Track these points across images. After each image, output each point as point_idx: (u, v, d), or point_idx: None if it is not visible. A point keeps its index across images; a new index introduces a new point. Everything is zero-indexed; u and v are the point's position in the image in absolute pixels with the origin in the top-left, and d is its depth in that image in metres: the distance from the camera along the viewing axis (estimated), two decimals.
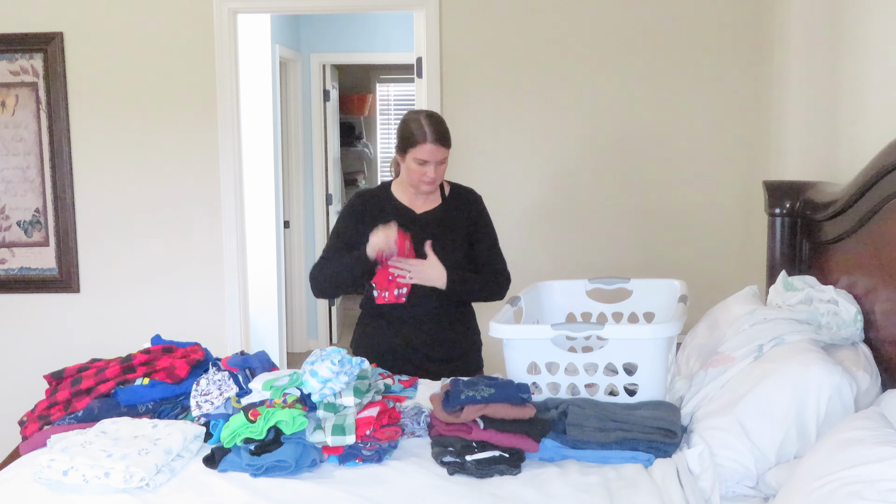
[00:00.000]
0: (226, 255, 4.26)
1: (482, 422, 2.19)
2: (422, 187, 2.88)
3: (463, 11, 4.13)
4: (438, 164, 2.83)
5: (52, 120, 4.19)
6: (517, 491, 2.01)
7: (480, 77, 4.16)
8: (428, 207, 2.97)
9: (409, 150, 2.83)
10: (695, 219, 4.15)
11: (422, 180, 2.85)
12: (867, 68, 2.73)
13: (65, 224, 4.24)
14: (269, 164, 5.65)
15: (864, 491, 1.56)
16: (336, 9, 4.90)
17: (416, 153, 2.81)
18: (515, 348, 2.47)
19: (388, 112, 9.14)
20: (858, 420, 1.82)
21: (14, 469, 2.20)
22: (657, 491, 1.95)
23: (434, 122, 2.84)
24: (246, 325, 4.39)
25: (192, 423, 2.32)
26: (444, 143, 2.83)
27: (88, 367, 2.59)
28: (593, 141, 4.17)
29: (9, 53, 4.16)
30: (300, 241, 6.44)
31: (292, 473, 2.10)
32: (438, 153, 2.82)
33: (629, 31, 4.08)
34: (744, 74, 4.04)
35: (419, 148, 2.80)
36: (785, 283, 2.65)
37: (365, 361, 2.44)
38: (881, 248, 2.31)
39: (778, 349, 2.23)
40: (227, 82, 4.15)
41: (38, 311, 4.32)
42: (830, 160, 3.04)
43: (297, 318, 6.52)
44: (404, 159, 2.86)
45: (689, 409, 2.31)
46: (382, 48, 6.49)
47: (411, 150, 2.82)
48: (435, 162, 2.82)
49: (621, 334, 2.38)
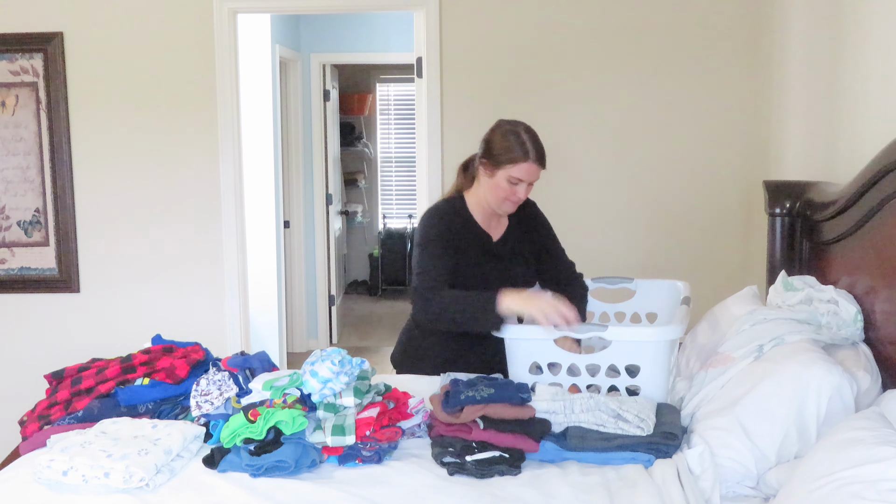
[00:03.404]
0: (226, 255, 4.26)
1: (482, 422, 2.19)
2: (505, 207, 2.65)
3: (463, 11, 4.13)
4: (530, 184, 2.62)
5: (52, 120, 4.19)
6: (517, 491, 2.01)
7: (480, 77, 4.16)
8: (500, 231, 2.76)
9: (505, 167, 2.57)
10: (695, 218, 4.15)
11: (509, 199, 2.62)
12: (867, 68, 2.73)
13: (65, 224, 4.24)
14: (269, 164, 5.65)
15: (865, 491, 1.56)
16: (336, 9, 4.90)
17: (513, 171, 2.57)
18: (517, 348, 2.46)
19: (388, 112, 9.14)
20: (858, 420, 1.82)
21: (14, 469, 2.19)
22: (657, 491, 1.95)
23: (535, 139, 2.60)
24: (246, 325, 4.39)
25: (192, 424, 2.32)
26: (543, 164, 2.61)
27: (88, 367, 2.59)
28: (593, 141, 4.17)
29: (9, 53, 4.16)
30: (300, 241, 6.44)
31: (292, 474, 2.10)
32: (537, 173, 2.60)
33: (629, 31, 4.08)
34: (744, 74, 4.04)
35: (518, 166, 2.56)
36: (785, 283, 2.65)
37: (365, 362, 2.43)
38: (881, 248, 2.31)
39: (778, 349, 2.23)
40: (227, 82, 4.15)
41: (38, 311, 4.32)
42: (830, 160, 3.04)
43: (297, 318, 6.52)
44: (493, 174, 2.60)
45: (689, 410, 2.31)
46: (382, 48, 6.49)
47: (507, 167, 2.57)
48: (529, 182, 2.61)
49: (624, 336, 2.38)
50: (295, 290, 6.44)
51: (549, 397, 2.26)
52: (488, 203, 2.69)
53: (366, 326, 7.62)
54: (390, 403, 2.37)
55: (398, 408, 2.37)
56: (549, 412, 2.23)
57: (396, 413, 2.35)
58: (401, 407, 2.38)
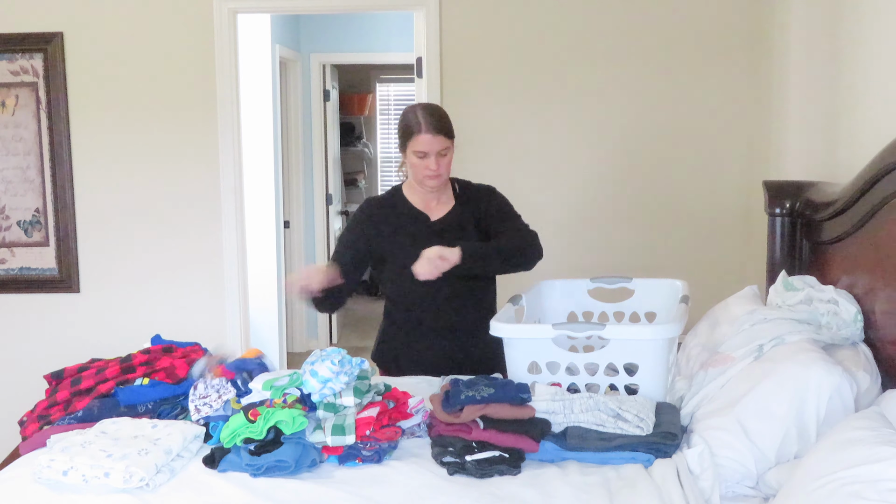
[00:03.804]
0: (226, 255, 4.26)
1: (482, 422, 2.19)
2: (426, 182, 2.75)
3: (463, 11, 4.13)
4: (439, 155, 2.71)
5: (52, 120, 4.19)
6: (517, 491, 2.01)
7: (480, 77, 4.16)
8: (441, 212, 2.85)
9: (408, 144, 2.72)
10: (695, 218, 4.15)
11: (425, 174, 2.73)
12: (867, 68, 2.73)
13: (65, 224, 4.24)
14: (269, 164, 5.65)
15: (865, 491, 1.56)
16: (336, 9, 4.90)
17: (414, 145, 2.71)
18: (516, 347, 2.47)
19: (388, 112, 9.14)
20: (858, 420, 1.82)
21: (14, 469, 2.19)
22: (657, 491, 1.94)
23: (430, 112, 2.73)
24: (246, 325, 4.39)
25: (192, 423, 2.31)
26: (441, 132, 2.70)
27: (88, 367, 2.59)
28: (593, 140, 4.17)
29: (9, 53, 4.16)
30: (300, 241, 6.44)
31: (292, 473, 2.10)
32: (436, 143, 2.69)
33: (629, 32, 4.08)
34: (744, 74, 4.04)
35: (416, 139, 2.70)
36: (785, 283, 2.65)
37: (365, 361, 2.43)
38: (881, 248, 2.31)
39: (778, 349, 2.23)
40: (227, 82, 4.15)
41: (38, 311, 4.32)
42: (830, 160, 3.04)
43: (297, 318, 6.52)
44: (405, 155, 2.76)
45: (689, 409, 2.31)
46: (382, 48, 6.50)
47: (409, 143, 2.72)
48: (434, 153, 2.70)
49: (622, 335, 2.38)
50: None
51: (549, 397, 2.26)
52: (416, 182, 2.82)
53: (365, 326, 7.61)
54: (390, 403, 2.37)
55: (398, 407, 2.37)
56: (549, 412, 2.23)
57: (396, 413, 2.35)
58: (401, 407, 2.38)
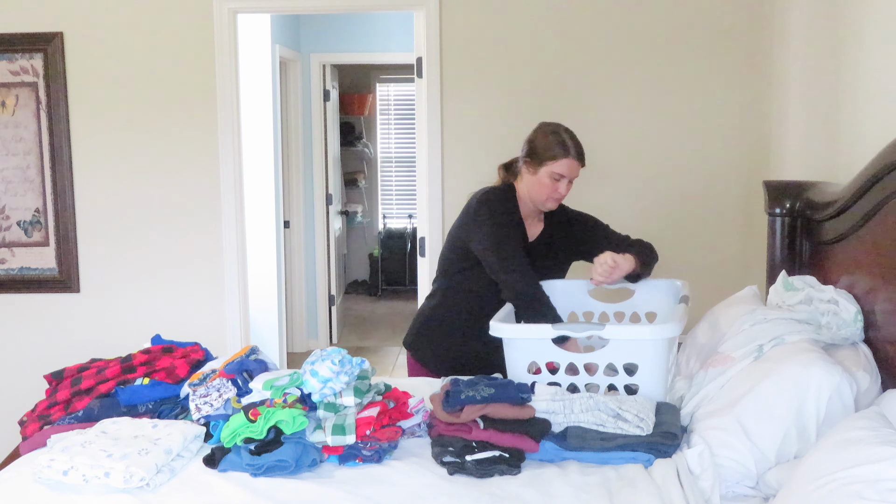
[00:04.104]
0: (226, 255, 4.26)
1: (482, 422, 2.20)
2: (548, 203, 2.84)
3: (463, 11, 4.13)
4: (570, 182, 2.82)
5: (52, 120, 4.19)
6: (517, 491, 2.01)
7: (480, 77, 4.16)
8: (536, 233, 2.95)
9: (547, 164, 2.78)
10: (695, 218, 4.15)
11: (552, 196, 2.81)
12: (867, 68, 2.73)
13: (65, 224, 4.24)
14: (269, 164, 5.65)
15: (865, 491, 1.56)
16: (336, 9, 4.90)
17: (555, 167, 2.77)
18: (516, 347, 2.47)
19: (388, 112, 9.14)
20: (858, 420, 1.82)
21: (14, 469, 2.20)
22: (657, 491, 1.95)
23: (574, 138, 2.81)
24: (246, 325, 4.39)
25: (193, 423, 2.32)
26: (583, 161, 2.82)
27: (88, 367, 2.59)
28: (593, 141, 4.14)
29: (9, 53, 4.16)
30: (300, 241, 6.44)
31: (292, 473, 2.10)
32: (577, 170, 2.81)
33: (629, 32, 4.08)
34: (744, 75, 4.04)
35: (560, 162, 2.77)
36: (785, 283, 2.65)
37: (365, 361, 2.44)
38: (881, 248, 2.31)
39: (778, 349, 2.23)
40: (227, 82, 4.15)
41: (38, 311, 4.32)
42: (830, 160, 3.04)
43: (297, 318, 6.52)
44: (536, 172, 2.80)
45: (689, 409, 2.31)
46: (382, 48, 6.49)
47: (549, 164, 2.77)
48: (570, 178, 2.80)
49: (622, 335, 2.38)
50: (295, 290, 6.44)
51: (549, 397, 2.26)
52: (532, 200, 2.86)
53: (366, 326, 7.62)
54: (390, 403, 2.37)
55: (398, 407, 2.37)
56: (549, 412, 2.23)
57: (396, 413, 2.35)
58: (401, 406, 2.38)
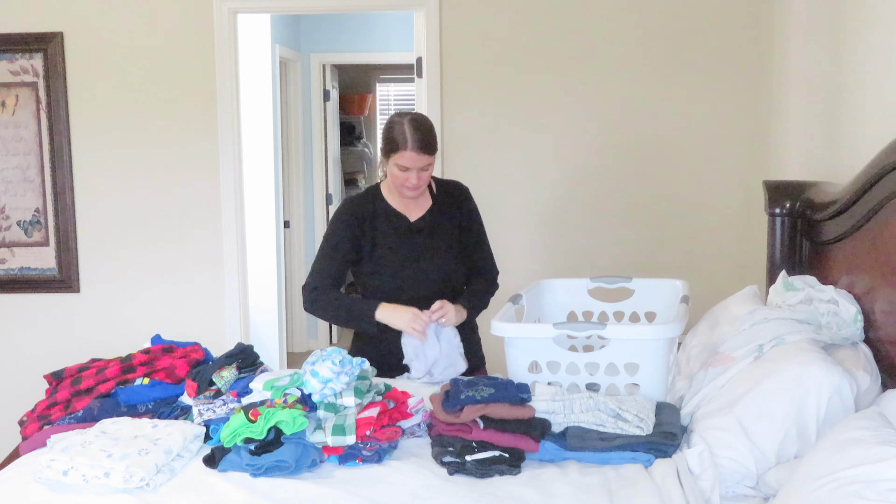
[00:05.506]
0: (226, 255, 4.26)
1: (482, 422, 2.19)
2: (405, 192, 2.82)
3: (463, 11, 4.12)
4: (421, 170, 2.76)
5: (52, 120, 4.19)
6: (517, 491, 2.01)
7: (480, 77, 4.16)
8: (420, 212, 2.91)
9: (392, 156, 2.76)
10: (695, 218, 4.15)
11: (405, 185, 2.79)
12: (867, 69, 2.73)
13: (65, 224, 4.24)
14: (269, 164, 5.65)
15: (865, 491, 1.56)
16: (336, 9, 4.90)
17: (397, 159, 2.74)
18: (517, 347, 2.47)
19: (388, 112, 9.14)
20: (858, 420, 1.82)
21: (14, 469, 2.20)
22: (657, 491, 1.95)
23: (418, 129, 2.74)
24: (246, 326, 4.39)
25: (192, 423, 2.32)
26: (426, 151, 2.74)
27: (88, 367, 2.59)
28: (594, 140, 4.17)
29: (9, 53, 4.16)
30: (300, 241, 6.44)
31: (292, 473, 2.10)
32: (420, 160, 2.74)
33: (629, 32, 4.08)
34: (744, 75, 4.04)
35: (400, 154, 2.73)
36: (785, 283, 2.65)
37: (366, 362, 2.44)
38: (881, 248, 2.31)
39: (778, 349, 2.23)
40: (227, 82, 4.15)
41: (38, 311, 4.32)
42: (830, 160, 3.04)
43: (297, 318, 6.52)
44: (387, 164, 2.81)
45: (689, 409, 2.31)
46: (382, 48, 6.49)
47: (393, 156, 2.75)
48: (417, 169, 2.75)
49: (623, 334, 2.38)
50: (295, 290, 6.43)
51: (549, 397, 2.26)
52: (397, 191, 2.88)
53: None
54: (390, 403, 2.37)
55: (398, 407, 2.37)
56: (549, 412, 2.23)
57: (396, 413, 2.35)
58: (401, 407, 2.38)
